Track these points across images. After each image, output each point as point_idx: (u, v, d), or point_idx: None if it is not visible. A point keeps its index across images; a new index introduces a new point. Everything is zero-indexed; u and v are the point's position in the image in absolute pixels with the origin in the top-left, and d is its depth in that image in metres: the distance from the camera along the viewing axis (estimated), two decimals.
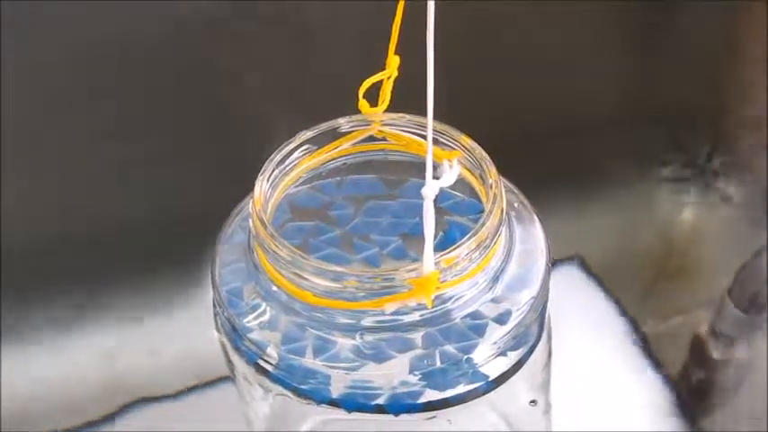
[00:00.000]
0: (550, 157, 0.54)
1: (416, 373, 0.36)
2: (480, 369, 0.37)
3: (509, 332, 0.37)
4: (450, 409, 0.37)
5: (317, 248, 0.41)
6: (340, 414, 0.37)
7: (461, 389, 0.36)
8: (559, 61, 0.55)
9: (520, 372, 0.38)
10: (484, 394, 0.37)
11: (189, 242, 0.46)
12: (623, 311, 0.51)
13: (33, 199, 0.56)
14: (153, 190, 0.56)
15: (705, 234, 0.54)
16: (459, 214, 0.41)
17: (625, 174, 0.56)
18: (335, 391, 0.36)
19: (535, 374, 0.40)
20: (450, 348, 0.36)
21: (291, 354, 0.36)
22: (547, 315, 0.39)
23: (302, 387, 0.36)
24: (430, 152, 0.35)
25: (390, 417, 0.36)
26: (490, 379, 0.37)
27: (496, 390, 0.37)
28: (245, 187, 0.39)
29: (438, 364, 0.36)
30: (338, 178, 0.41)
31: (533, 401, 0.42)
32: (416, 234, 0.41)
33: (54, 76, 0.52)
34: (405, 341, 0.36)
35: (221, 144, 0.56)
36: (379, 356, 0.36)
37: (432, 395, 0.36)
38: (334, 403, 0.36)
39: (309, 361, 0.36)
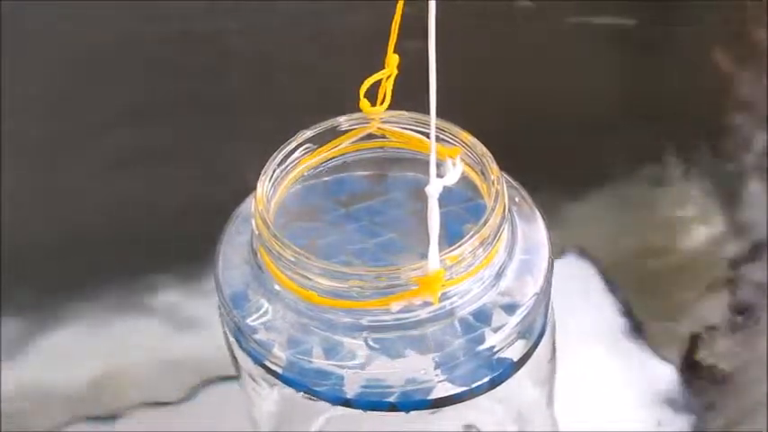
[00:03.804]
0: (550, 155, 0.55)
1: (425, 369, 0.36)
2: (487, 364, 0.37)
3: (515, 327, 0.37)
4: (458, 404, 0.37)
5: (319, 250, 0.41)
6: (349, 411, 0.37)
7: (469, 384, 0.37)
8: (560, 60, 0.55)
9: (525, 366, 0.38)
10: (491, 389, 0.37)
11: (191, 241, 0.46)
12: (623, 310, 0.51)
13: (32, 198, 0.56)
14: (153, 190, 0.56)
15: (705, 234, 0.54)
16: (451, 204, 0.41)
17: (625, 173, 0.56)
18: (350, 390, 0.36)
19: (540, 369, 0.40)
20: (457, 344, 0.36)
21: (300, 355, 0.36)
22: (551, 309, 0.40)
23: (316, 389, 0.36)
24: (433, 150, 0.35)
25: (401, 414, 0.36)
26: (497, 373, 0.37)
27: (502, 385, 0.38)
28: (246, 187, 0.39)
29: (446, 360, 0.36)
30: (325, 179, 0.41)
31: None
32: (411, 228, 0.41)
33: (54, 75, 0.52)
34: (412, 338, 0.36)
35: (222, 143, 0.56)
36: (389, 355, 0.36)
37: (441, 391, 0.36)
38: (348, 403, 0.36)
39: (320, 362, 0.36)
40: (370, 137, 0.40)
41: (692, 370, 0.49)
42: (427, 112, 0.34)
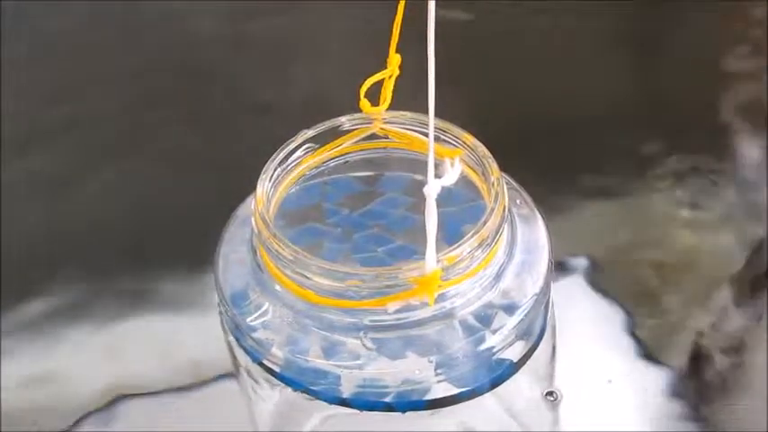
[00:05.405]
0: (549, 156, 0.55)
1: (421, 369, 0.36)
2: (486, 365, 0.37)
3: (514, 328, 0.37)
4: (457, 405, 0.37)
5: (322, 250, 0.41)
6: (347, 410, 0.37)
7: (468, 385, 0.37)
8: (560, 60, 0.55)
9: (525, 367, 0.38)
10: (490, 390, 0.37)
11: (192, 241, 0.46)
12: (622, 311, 0.51)
13: (33, 196, 0.56)
14: (155, 188, 0.56)
15: (704, 233, 0.54)
16: (453, 205, 0.41)
17: (624, 173, 0.56)
18: (346, 390, 0.36)
19: (540, 370, 0.40)
20: (455, 345, 0.36)
21: (297, 354, 0.36)
22: (550, 311, 0.40)
23: (312, 388, 0.36)
24: (431, 151, 0.35)
25: (399, 414, 0.36)
26: (496, 374, 0.37)
27: (502, 385, 0.38)
28: (247, 186, 0.39)
29: (445, 360, 0.36)
30: (326, 179, 0.41)
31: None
32: (412, 230, 0.41)
33: (54, 74, 0.52)
34: (410, 339, 0.36)
35: (225, 142, 0.56)
36: (387, 355, 0.36)
37: (438, 392, 0.36)
38: (344, 403, 0.36)
39: (318, 361, 0.36)
40: (371, 137, 0.40)
41: (692, 371, 0.49)
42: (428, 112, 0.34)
